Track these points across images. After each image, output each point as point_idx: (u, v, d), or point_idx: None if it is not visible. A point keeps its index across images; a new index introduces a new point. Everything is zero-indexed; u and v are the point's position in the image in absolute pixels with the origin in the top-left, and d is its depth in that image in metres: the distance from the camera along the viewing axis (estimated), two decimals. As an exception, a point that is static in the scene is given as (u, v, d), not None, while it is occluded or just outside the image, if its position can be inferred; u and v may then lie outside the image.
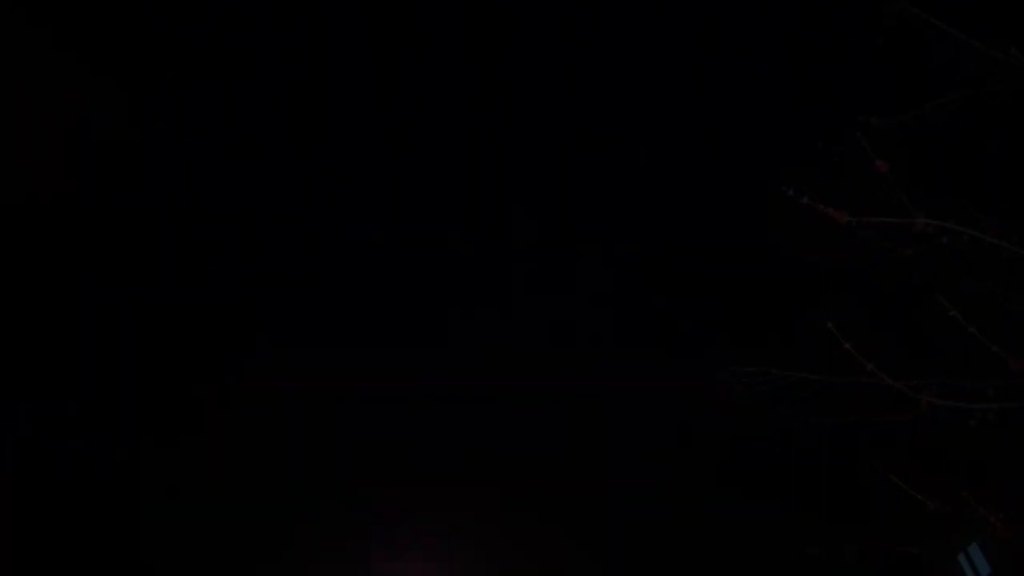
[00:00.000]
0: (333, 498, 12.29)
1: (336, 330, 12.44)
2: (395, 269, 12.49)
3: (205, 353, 12.49)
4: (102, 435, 12.38)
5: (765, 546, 10.18)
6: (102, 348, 12.52)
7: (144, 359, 12.50)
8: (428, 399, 12.05)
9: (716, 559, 10.98)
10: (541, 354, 11.11)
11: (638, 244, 10.50)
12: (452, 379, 11.90)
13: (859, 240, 6.41)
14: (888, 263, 6.51)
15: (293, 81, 12.51)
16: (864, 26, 7.11)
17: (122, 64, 11.73)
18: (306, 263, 12.66)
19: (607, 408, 10.54)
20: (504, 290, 11.64)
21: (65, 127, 11.68)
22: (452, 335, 12.03)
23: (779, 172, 6.70)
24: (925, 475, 7.85)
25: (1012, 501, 6.79)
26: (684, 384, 8.93)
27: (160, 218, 12.37)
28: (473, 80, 11.69)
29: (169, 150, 12.11)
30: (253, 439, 12.06)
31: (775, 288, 8.40)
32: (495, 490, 11.69)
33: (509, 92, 11.52)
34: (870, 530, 8.87)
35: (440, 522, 11.72)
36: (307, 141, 12.53)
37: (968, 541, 14.68)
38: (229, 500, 12.15)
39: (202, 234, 12.44)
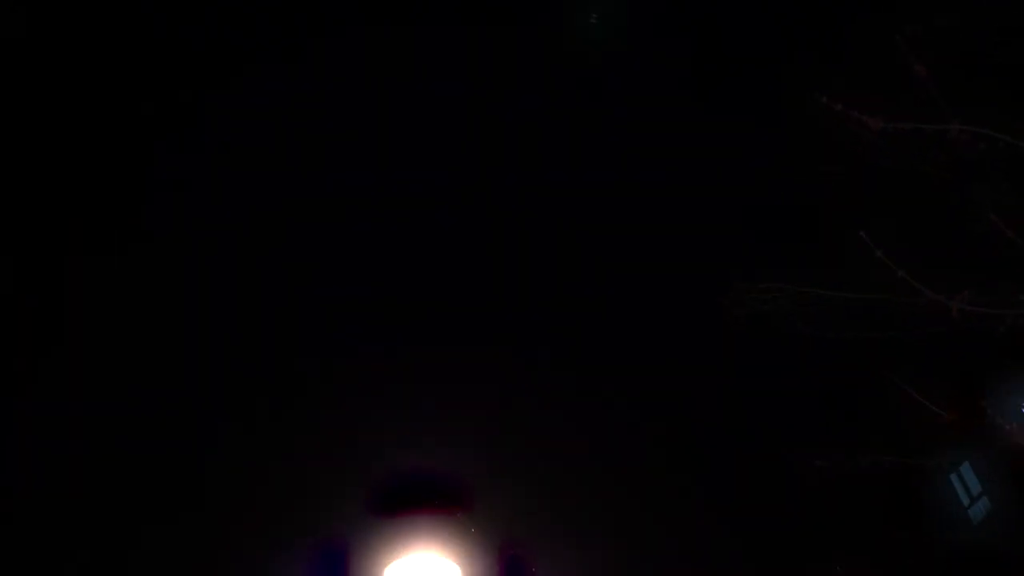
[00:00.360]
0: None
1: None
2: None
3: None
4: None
5: (772, 457, 10.30)
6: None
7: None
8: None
9: (725, 469, 11.15)
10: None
11: (661, 156, 10.40)
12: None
13: (892, 148, 6.35)
14: (920, 172, 6.47)
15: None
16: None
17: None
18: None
19: (624, 312, 10.55)
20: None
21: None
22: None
23: (810, 79, 6.59)
24: (941, 388, 7.91)
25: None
26: (702, 296, 8.91)
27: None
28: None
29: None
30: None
31: (802, 202, 8.33)
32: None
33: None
34: (880, 442, 8.93)
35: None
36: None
37: (968, 454, 14.88)
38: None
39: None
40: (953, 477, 17.28)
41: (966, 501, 17.12)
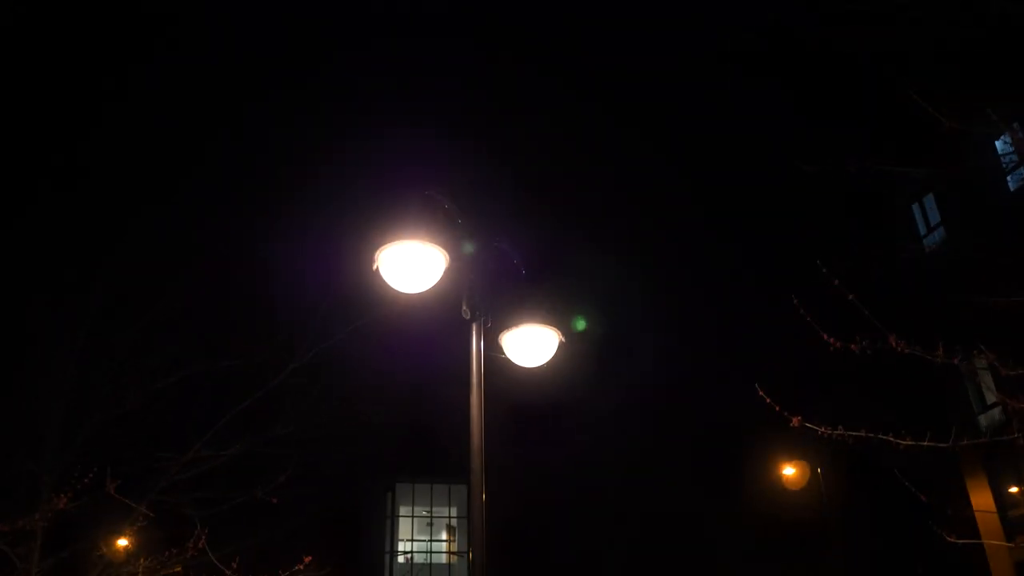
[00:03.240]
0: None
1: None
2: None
3: None
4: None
5: (766, 161, 10.72)
6: None
7: None
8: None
9: (722, 171, 11.61)
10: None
11: None
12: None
13: None
14: None
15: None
16: None
17: None
18: None
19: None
20: None
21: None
22: None
23: None
24: (946, 95, 8.18)
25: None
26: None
27: None
28: None
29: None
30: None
31: None
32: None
33: None
34: (869, 147, 9.26)
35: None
36: None
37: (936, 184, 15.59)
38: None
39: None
40: (915, 207, 18.18)
41: (923, 230, 18.13)
